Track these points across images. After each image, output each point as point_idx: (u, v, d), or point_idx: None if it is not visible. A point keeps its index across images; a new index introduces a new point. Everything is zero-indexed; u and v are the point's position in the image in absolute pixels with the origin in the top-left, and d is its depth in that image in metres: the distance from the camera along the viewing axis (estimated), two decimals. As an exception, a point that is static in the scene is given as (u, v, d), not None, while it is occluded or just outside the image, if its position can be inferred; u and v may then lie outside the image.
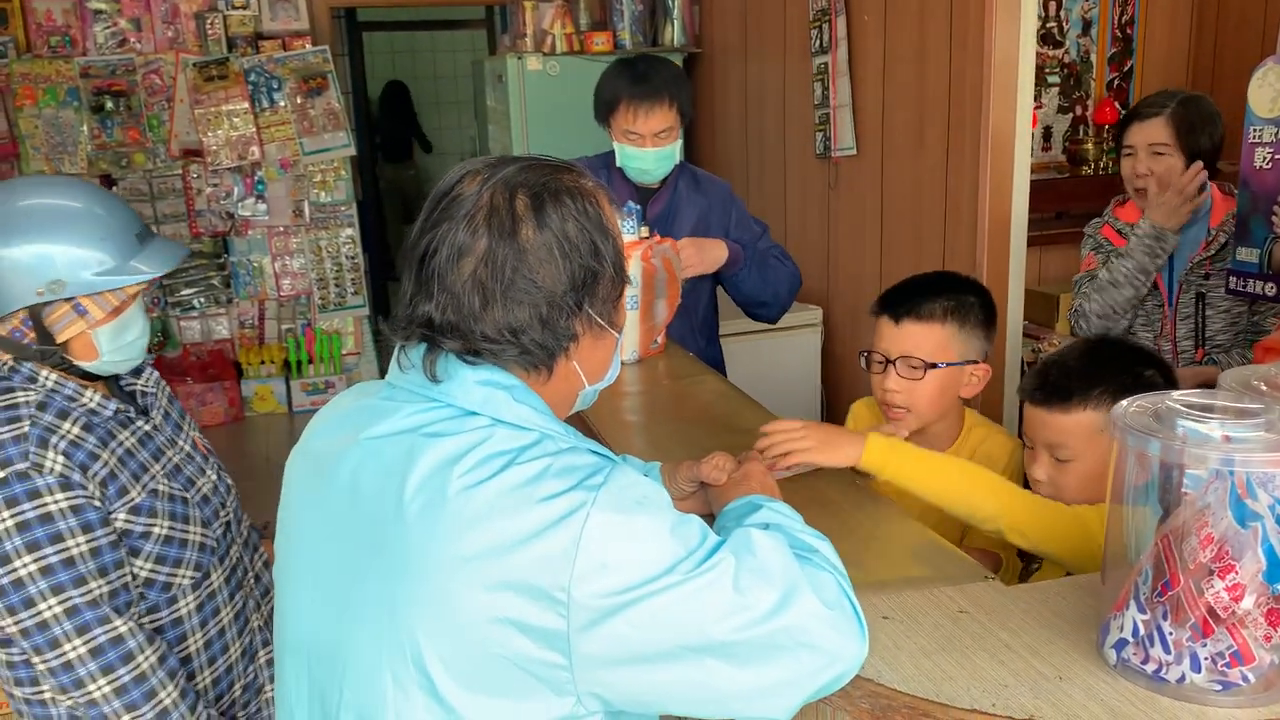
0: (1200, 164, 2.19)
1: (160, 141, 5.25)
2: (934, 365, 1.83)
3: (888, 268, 3.47)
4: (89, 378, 1.56)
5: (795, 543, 1.12)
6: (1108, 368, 1.60)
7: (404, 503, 1.02)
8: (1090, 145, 4.18)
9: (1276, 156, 1.86)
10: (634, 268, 2.30)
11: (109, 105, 5.16)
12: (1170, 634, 1.05)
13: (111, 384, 1.62)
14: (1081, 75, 4.33)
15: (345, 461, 1.10)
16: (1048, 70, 4.25)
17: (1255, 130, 1.89)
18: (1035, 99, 3.96)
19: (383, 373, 5.27)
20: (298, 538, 1.16)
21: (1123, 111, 4.34)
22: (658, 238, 2.37)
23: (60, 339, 1.49)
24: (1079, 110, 4.35)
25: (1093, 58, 4.33)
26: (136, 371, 1.66)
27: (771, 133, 4.22)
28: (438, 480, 1.01)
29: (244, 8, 5.36)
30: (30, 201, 1.47)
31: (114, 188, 5.25)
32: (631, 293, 2.33)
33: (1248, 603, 1.02)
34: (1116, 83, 4.37)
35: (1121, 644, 1.09)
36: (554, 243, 1.06)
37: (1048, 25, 4.20)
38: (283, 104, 5.34)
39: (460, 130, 8.66)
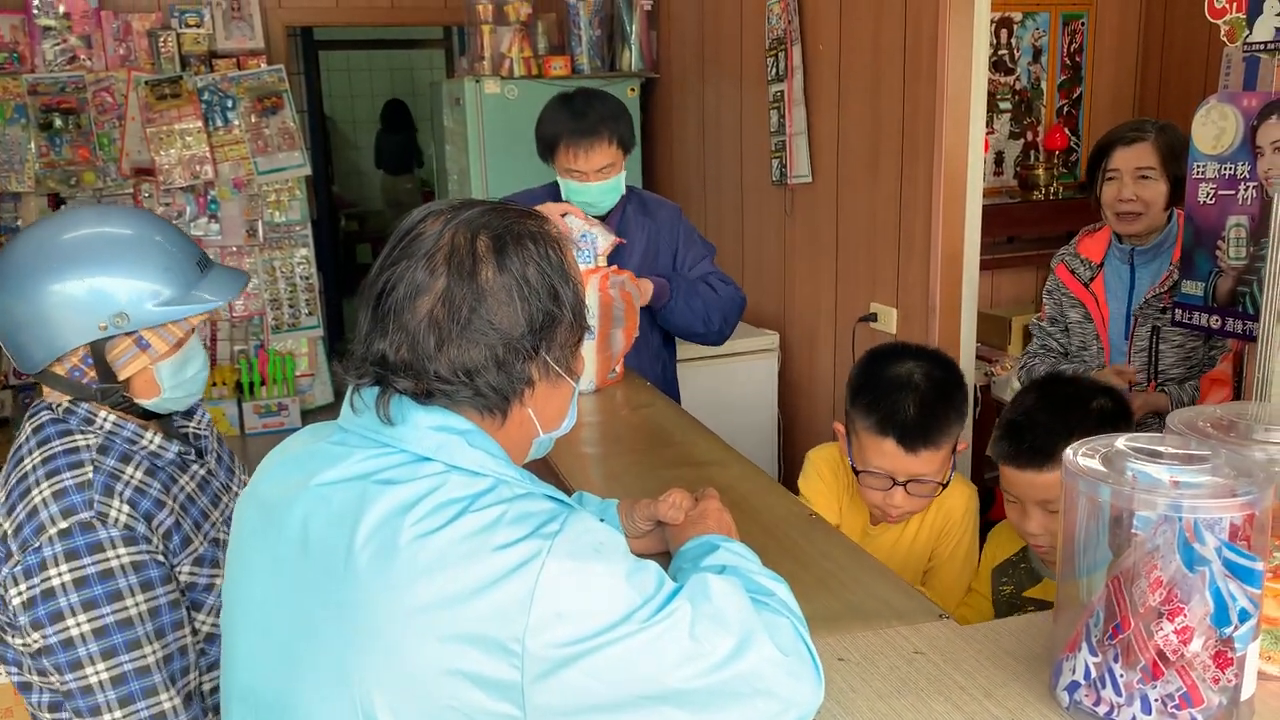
0: None
1: (111, 160, 5.18)
2: (945, 484, 1.80)
3: (843, 293, 3.50)
4: (145, 416, 1.48)
5: (752, 586, 1.12)
6: (1073, 410, 1.62)
7: (354, 552, 1.00)
8: (1041, 170, 4.25)
9: (1220, 193, 1.90)
10: (591, 297, 2.30)
11: (58, 123, 5.08)
12: (1121, 676, 1.07)
13: (167, 424, 1.54)
14: (1032, 101, 4.41)
15: (295, 508, 1.08)
16: (999, 96, 4.32)
17: (1199, 166, 1.92)
18: (987, 125, 4.03)
19: (336, 395, 5.21)
20: (246, 584, 1.13)
21: (1073, 137, 4.43)
22: (615, 269, 2.37)
23: (122, 376, 1.42)
24: (1030, 136, 4.42)
25: (1043, 85, 4.41)
26: (189, 413, 1.58)
27: (728, 159, 4.24)
28: (390, 529, 1.00)
29: (198, 26, 5.31)
30: (85, 232, 1.39)
31: (62, 207, 5.17)
32: (589, 322, 2.33)
33: (1196, 645, 1.03)
34: (1066, 109, 4.45)
35: (1074, 686, 1.10)
36: (513, 285, 1.05)
37: (999, 53, 4.28)
38: (237, 123, 5.30)
39: (417, 149, 8.64)
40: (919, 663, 1.21)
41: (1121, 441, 1.11)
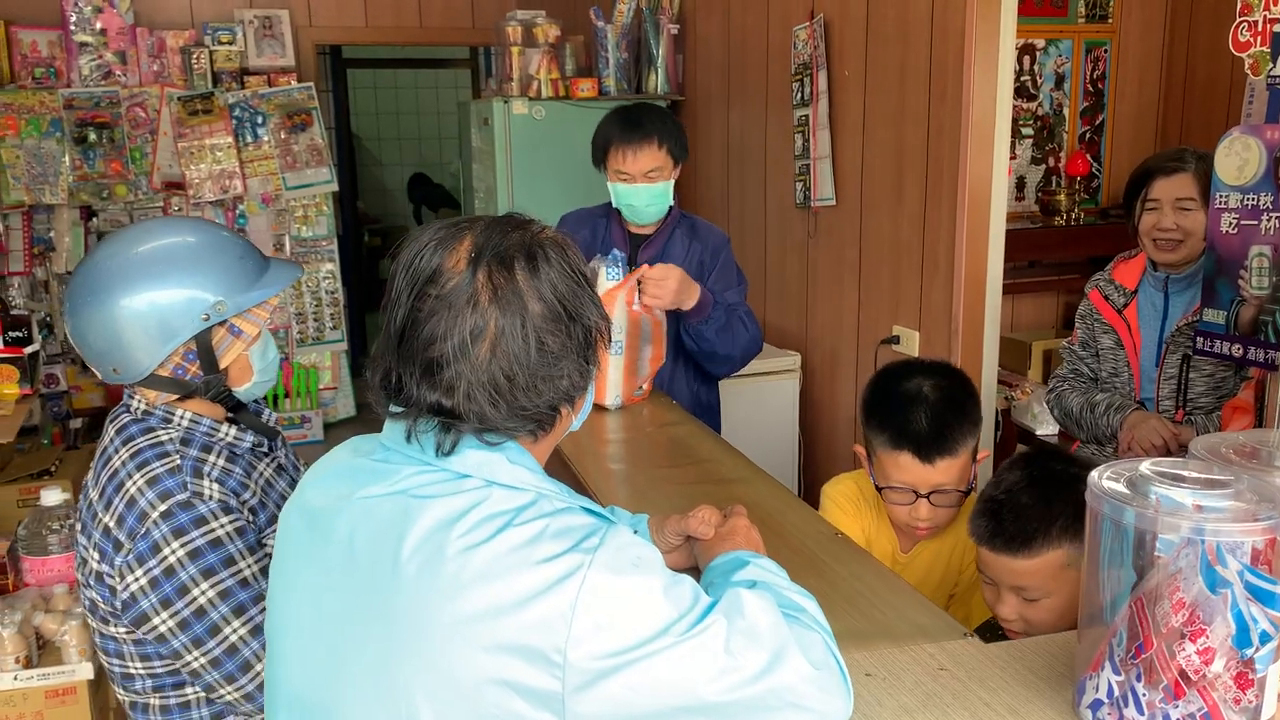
0: None
1: (142, 174, 5.26)
2: (969, 490, 1.80)
3: (865, 315, 3.53)
4: (231, 408, 1.60)
5: (783, 601, 1.15)
6: (1060, 495, 1.47)
7: (401, 563, 1.03)
8: (1063, 196, 4.28)
9: (1242, 222, 1.92)
10: (619, 314, 2.34)
11: (91, 137, 5.17)
12: (1143, 695, 1.09)
13: (246, 416, 1.65)
14: (1054, 128, 4.44)
15: (340, 519, 1.11)
16: (1022, 122, 4.35)
17: (1221, 197, 1.95)
18: (1010, 150, 4.06)
19: (358, 408, 5.21)
20: (292, 591, 1.17)
21: (1094, 163, 4.46)
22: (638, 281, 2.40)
23: (223, 364, 1.54)
24: (1052, 162, 4.46)
25: (1065, 111, 4.44)
26: (257, 413, 1.69)
27: (753, 181, 4.28)
28: (436, 541, 1.03)
29: (230, 43, 5.41)
30: (165, 240, 1.51)
31: (94, 219, 5.25)
32: (616, 338, 2.37)
33: (1217, 666, 1.05)
34: (1088, 135, 4.48)
35: (1097, 704, 1.13)
36: (557, 313, 1.08)
37: (1022, 79, 4.32)
38: (266, 139, 5.38)
39: (442, 166, 8.73)
40: (944, 679, 1.24)
41: (1146, 466, 1.14)
